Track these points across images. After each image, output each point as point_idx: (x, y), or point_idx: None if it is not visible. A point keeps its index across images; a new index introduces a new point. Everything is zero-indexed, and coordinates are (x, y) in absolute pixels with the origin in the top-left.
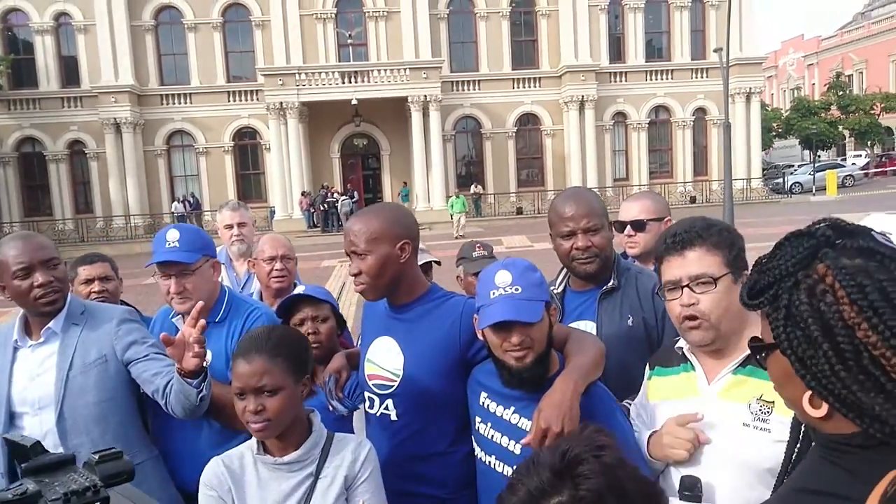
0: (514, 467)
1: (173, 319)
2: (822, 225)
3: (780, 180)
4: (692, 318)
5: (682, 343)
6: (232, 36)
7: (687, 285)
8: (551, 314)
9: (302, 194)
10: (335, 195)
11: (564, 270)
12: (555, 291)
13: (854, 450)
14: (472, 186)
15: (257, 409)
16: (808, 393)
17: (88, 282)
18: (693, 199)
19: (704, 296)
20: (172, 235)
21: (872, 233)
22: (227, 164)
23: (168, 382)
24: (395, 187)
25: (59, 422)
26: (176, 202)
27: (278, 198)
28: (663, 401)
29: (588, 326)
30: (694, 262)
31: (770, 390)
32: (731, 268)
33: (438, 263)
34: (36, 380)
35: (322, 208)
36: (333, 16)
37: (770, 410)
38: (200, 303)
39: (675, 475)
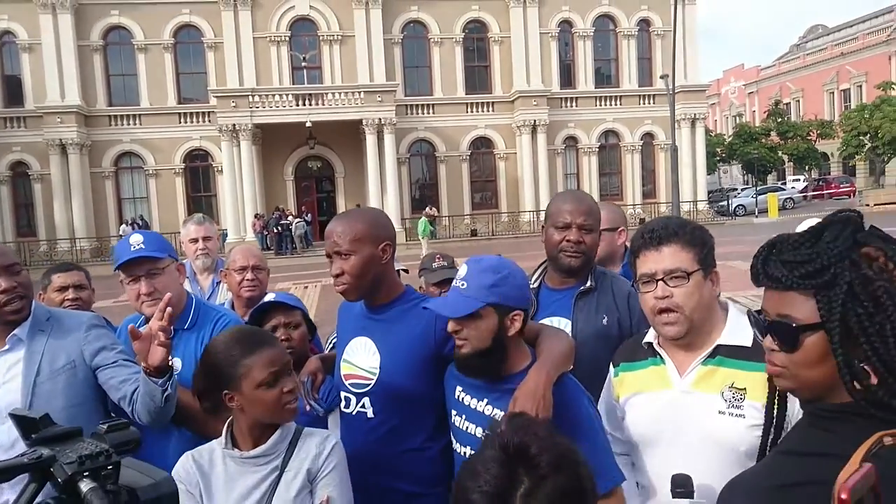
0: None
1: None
2: (845, 213)
3: (725, 203)
4: (667, 310)
5: (649, 338)
6: (183, 57)
7: (661, 279)
8: (510, 319)
9: (255, 217)
10: (289, 218)
11: (542, 267)
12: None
13: (851, 417)
14: (427, 209)
15: (294, 387)
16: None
17: (63, 289)
18: (642, 221)
19: (678, 289)
20: (136, 239)
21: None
22: (178, 186)
23: (135, 390)
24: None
25: None
26: (125, 224)
27: (231, 220)
28: (635, 394)
29: (562, 323)
30: (668, 257)
31: (741, 378)
32: (702, 265)
33: (406, 272)
34: (2, 387)
35: (276, 231)
36: (287, 38)
37: (742, 397)
38: (168, 294)
39: (658, 472)
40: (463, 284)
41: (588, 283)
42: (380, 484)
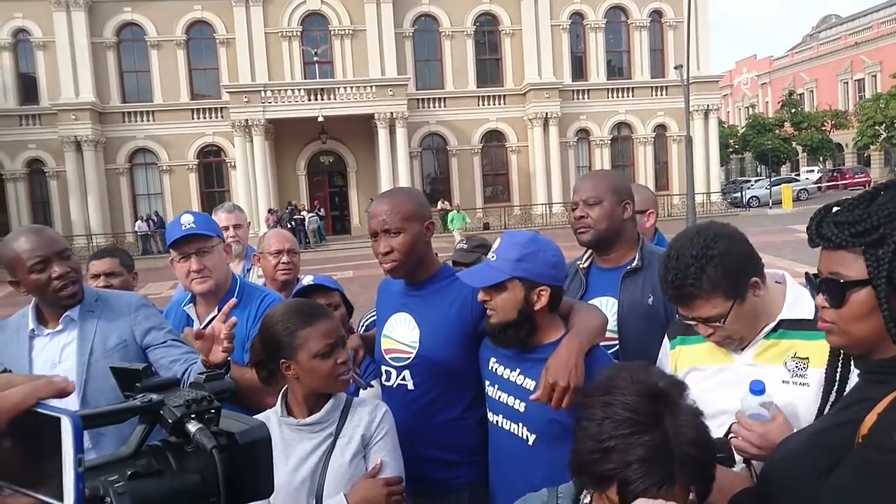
0: (520, 423)
1: (185, 308)
2: None
3: (739, 194)
4: (718, 339)
5: None
6: (196, 53)
7: (703, 321)
8: (536, 293)
9: (269, 212)
10: (303, 213)
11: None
12: (581, 266)
13: None
14: (440, 202)
15: (346, 359)
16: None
17: (95, 277)
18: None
19: (721, 327)
20: (187, 218)
21: None
22: (192, 182)
23: (186, 370)
24: (362, 204)
25: (82, 407)
26: (139, 221)
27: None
28: (693, 368)
29: (610, 303)
30: (699, 309)
31: (804, 348)
32: (735, 293)
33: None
34: (57, 367)
35: (290, 226)
36: (299, 34)
37: (806, 366)
38: (233, 300)
39: None
40: (493, 257)
41: (635, 263)
42: (420, 452)
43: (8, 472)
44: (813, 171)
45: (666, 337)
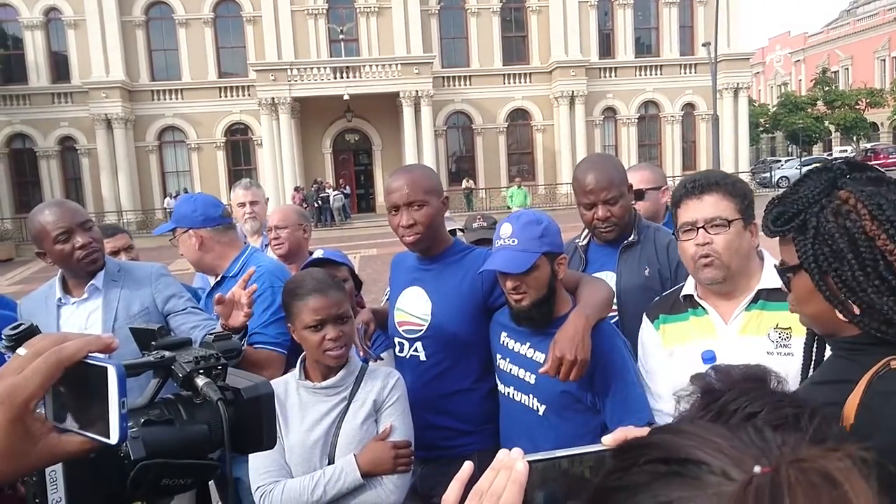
0: (530, 394)
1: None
2: (837, 160)
3: (768, 174)
4: (706, 255)
5: (688, 290)
6: (223, 31)
7: (702, 226)
8: (558, 263)
9: (295, 189)
10: (328, 190)
11: None
12: (580, 244)
13: (866, 347)
14: (464, 181)
15: (338, 336)
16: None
17: (114, 253)
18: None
19: (718, 237)
20: None
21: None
22: (219, 159)
23: (205, 336)
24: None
25: None
26: (168, 198)
27: (271, 193)
28: (679, 345)
29: (609, 276)
30: (710, 205)
31: (785, 318)
32: (742, 214)
33: (462, 231)
34: (84, 333)
35: (316, 204)
36: (325, 11)
37: (789, 336)
38: (252, 268)
39: None
40: (514, 241)
41: (632, 237)
42: (431, 421)
43: (63, 414)
44: (846, 150)
45: (645, 317)
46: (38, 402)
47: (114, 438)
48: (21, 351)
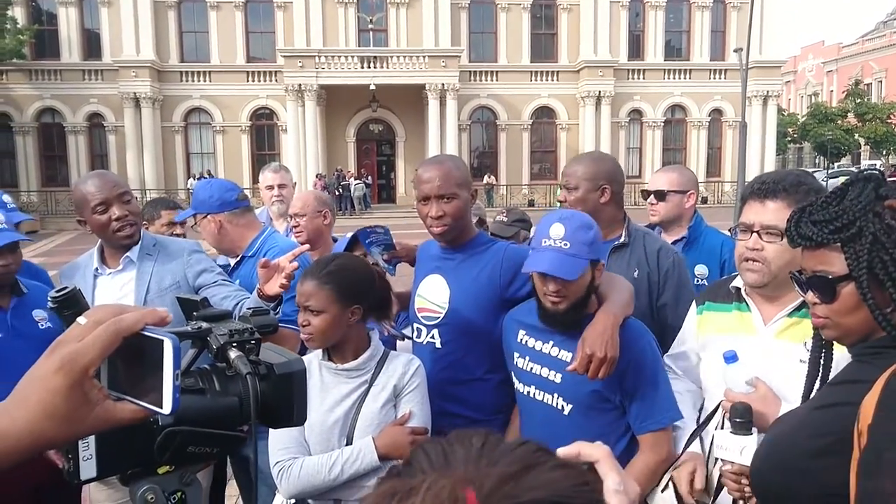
0: (555, 394)
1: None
2: (868, 171)
3: None
4: (753, 260)
5: (738, 283)
6: (253, 16)
7: (757, 231)
8: (598, 269)
9: (317, 177)
10: (349, 179)
11: None
12: None
13: (882, 350)
14: (485, 177)
15: (303, 324)
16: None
17: (171, 225)
18: (705, 200)
19: (770, 245)
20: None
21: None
22: (244, 143)
23: (237, 304)
24: (409, 174)
25: None
26: (192, 179)
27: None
28: (717, 335)
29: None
30: (771, 212)
31: None
32: None
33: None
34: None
35: (337, 192)
36: (355, 0)
37: None
38: (305, 246)
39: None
40: (565, 245)
41: (622, 239)
42: (445, 408)
43: (118, 383)
44: (875, 164)
45: (694, 302)
46: (95, 370)
47: (167, 409)
48: (81, 320)
